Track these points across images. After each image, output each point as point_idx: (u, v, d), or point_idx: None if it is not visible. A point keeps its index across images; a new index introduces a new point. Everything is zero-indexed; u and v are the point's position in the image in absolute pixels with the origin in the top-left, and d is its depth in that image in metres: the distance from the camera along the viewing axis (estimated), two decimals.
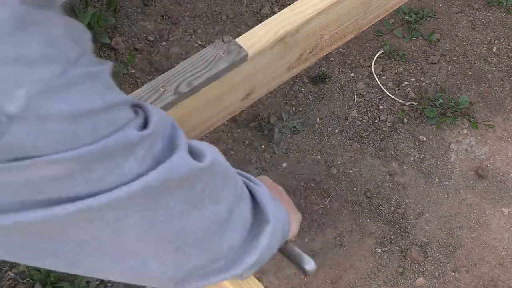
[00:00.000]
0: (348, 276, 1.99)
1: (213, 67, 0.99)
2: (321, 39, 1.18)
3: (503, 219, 2.12)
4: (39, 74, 0.45)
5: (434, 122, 2.30)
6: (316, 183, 2.16)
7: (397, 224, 2.09)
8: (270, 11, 2.56)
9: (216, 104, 1.07)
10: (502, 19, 2.60)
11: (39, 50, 0.45)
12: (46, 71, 0.45)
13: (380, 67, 2.44)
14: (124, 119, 0.51)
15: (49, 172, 0.47)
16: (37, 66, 0.45)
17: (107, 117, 0.49)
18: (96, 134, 0.48)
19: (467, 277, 2.01)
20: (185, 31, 2.49)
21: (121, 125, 0.51)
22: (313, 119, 2.30)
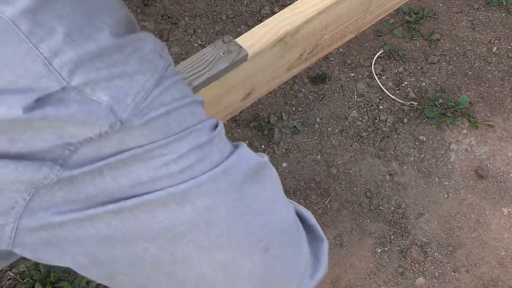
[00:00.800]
0: (348, 276, 1.99)
1: (213, 67, 0.99)
2: (321, 39, 1.18)
3: (503, 219, 2.12)
4: (139, 84, 0.53)
5: (434, 122, 2.30)
6: (316, 183, 2.16)
7: (397, 224, 2.09)
8: (270, 11, 2.56)
9: (216, 104, 1.07)
10: (502, 19, 2.60)
11: (137, 64, 0.54)
12: (144, 81, 0.54)
13: (380, 67, 2.44)
14: (204, 115, 0.61)
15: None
16: (137, 78, 0.53)
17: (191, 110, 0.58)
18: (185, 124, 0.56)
19: (467, 277, 2.01)
20: (185, 31, 2.49)
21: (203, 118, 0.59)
22: (313, 119, 2.30)
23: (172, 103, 0.55)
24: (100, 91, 0.51)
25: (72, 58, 0.50)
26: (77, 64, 0.50)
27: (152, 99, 0.53)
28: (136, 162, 0.53)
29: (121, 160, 0.52)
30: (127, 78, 0.52)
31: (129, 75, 0.53)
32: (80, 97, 0.50)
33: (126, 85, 0.52)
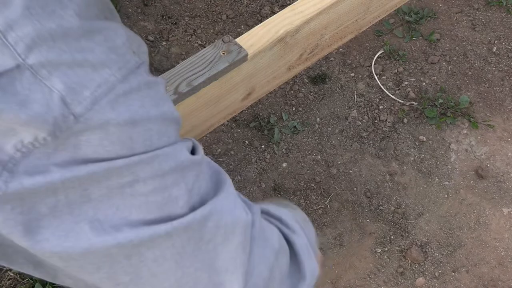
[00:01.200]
0: (348, 276, 1.99)
1: (213, 67, 0.99)
2: (321, 39, 1.18)
3: (503, 219, 2.12)
4: (102, 77, 0.47)
5: (434, 122, 2.30)
6: (316, 183, 2.16)
7: (397, 224, 2.09)
8: (270, 11, 2.56)
9: (216, 104, 1.07)
10: (502, 19, 2.60)
11: (103, 55, 0.48)
12: (108, 74, 0.48)
13: (380, 67, 2.44)
14: (176, 136, 0.53)
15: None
16: (101, 70, 0.47)
17: (161, 128, 0.51)
18: (150, 143, 0.50)
19: (467, 277, 2.01)
20: (185, 31, 2.49)
21: (173, 141, 0.53)
22: (313, 119, 2.30)
23: (138, 112, 0.49)
24: (57, 77, 0.45)
25: (30, 33, 0.45)
26: (35, 40, 0.45)
27: (114, 97, 0.48)
28: (92, 182, 0.48)
29: (77, 179, 0.47)
30: (89, 68, 0.47)
31: (93, 65, 0.47)
32: (33, 80, 0.45)
33: (87, 75, 0.47)
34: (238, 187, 2.14)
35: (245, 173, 2.17)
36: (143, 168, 0.49)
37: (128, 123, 0.48)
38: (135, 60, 0.50)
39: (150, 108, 0.50)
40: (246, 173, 2.17)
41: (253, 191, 2.13)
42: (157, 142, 0.51)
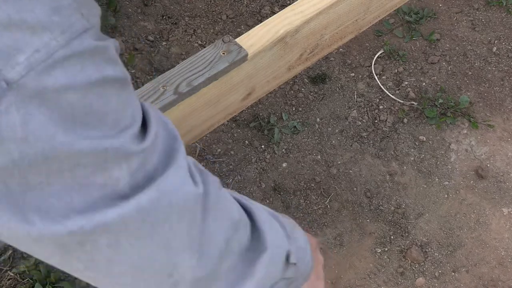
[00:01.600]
0: (348, 276, 1.99)
1: (213, 67, 0.99)
2: (321, 39, 1.18)
3: (503, 219, 2.12)
4: (42, 41, 0.44)
5: (434, 122, 2.30)
6: (316, 183, 2.16)
7: (397, 224, 2.09)
8: (270, 11, 2.56)
9: (216, 104, 1.07)
10: (502, 19, 2.60)
11: (45, 17, 0.44)
12: (49, 39, 0.44)
13: (380, 67, 2.44)
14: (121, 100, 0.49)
15: None
16: (41, 33, 0.44)
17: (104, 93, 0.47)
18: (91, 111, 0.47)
19: (467, 277, 2.01)
20: (185, 31, 2.49)
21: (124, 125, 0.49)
22: (313, 119, 2.30)
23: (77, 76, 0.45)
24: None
25: None
26: None
27: (52, 62, 0.44)
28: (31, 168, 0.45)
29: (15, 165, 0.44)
30: (27, 31, 0.43)
31: (32, 27, 0.43)
32: None
33: (24, 38, 0.43)
34: (238, 187, 2.14)
35: (245, 173, 2.17)
36: (86, 154, 0.46)
37: (67, 88, 0.45)
38: (81, 23, 0.46)
39: (92, 73, 0.46)
40: (246, 173, 2.17)
41: (253, 191, 2.13)
42: (100, 108, 0.47)
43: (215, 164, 2.18)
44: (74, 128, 0.46)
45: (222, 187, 0.62)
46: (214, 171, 2.17)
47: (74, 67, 0.45)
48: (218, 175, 2.16)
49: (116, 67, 0.49)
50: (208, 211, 0.57)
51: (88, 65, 0.46)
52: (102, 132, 0.47)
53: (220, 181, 0.62)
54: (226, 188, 2.21)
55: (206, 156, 2.20)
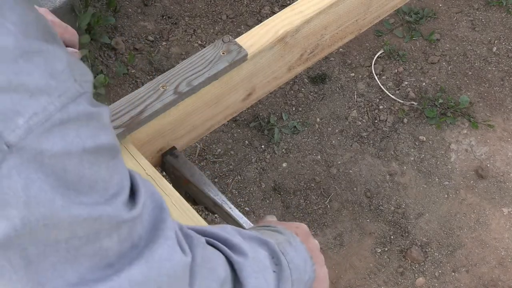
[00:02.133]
0: (348, 276, 1.99)
1: (213, 67, 0.99)
2: (321, 39, 1.18)
3: (503, 219, 2.12)
4: (40, 105, 0.45)
5: (434, 122, 2.30)
6: (316, 183, 2.16)
7: (397, 224, 2.09)
8: (270, 11, 2.56)
9: (217, 104, 1.07)
10: (502, 19, 2.60)
11: (42, 81, 0.45)
12: (47, 102, 0.45)
13: (380, 67, 2.44)
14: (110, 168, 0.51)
15: None
16: (39, 97, 0.45)
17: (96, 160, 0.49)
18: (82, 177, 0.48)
19: (467, 277, 2.01)
20: (185, 31, 2.49)
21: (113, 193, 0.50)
22: (313, 119, 2.30)
23: (73, 143, 0.46)
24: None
25: None
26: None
27: (50, 126, 0.45)
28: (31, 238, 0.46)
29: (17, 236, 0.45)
30: (26, 94, 0.44)
31: (30, 90, 0.44)
32: None
33: (23, 101, 0.44)
34: (238, 187, 2.14)
35: (245, 173, 2.17)
36: (82, 221, 0.48)
37: (63, 154, 0.46)
38: (75, 88, 0.47)
39: (86, 140, 0.48)
40: (246, 173, 2.17)
41: (253, 191, 2.13)
42: (91, 175, 0.48)
43: (215, 164, 2.18)
44: (69, 194, 0.47)
45: (206, 245, 0.63)
46: (214, 171, 2.17)
47: (70, 132, 0.46)
48: (218, 175, 2.16)
49: (109, 135, 0.50)
50: (196, 276, 0.59)
51: (83, 131, 0.47)
52: (93, 198, 0.48)
53: (204, 240, 0.63)
54: (227, 187, 2.20)
55: (206, 156, 2.20)
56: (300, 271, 0.74)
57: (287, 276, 0.70)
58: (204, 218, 1.97)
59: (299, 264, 0.73)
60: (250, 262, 0.66)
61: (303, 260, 0.75)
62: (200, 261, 0.60)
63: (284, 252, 0.72)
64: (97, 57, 2.33)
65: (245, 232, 0.71)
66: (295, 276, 0.72)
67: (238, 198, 2.11)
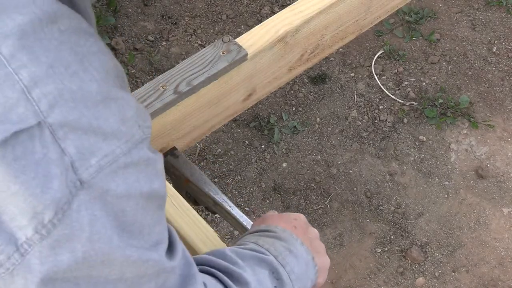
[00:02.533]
0: (348, 276, 1.99)
1: (213, 67, 0.99)
2: (322, 39, 1.18)
3: (503, 219, 2.12)
4: (110, 148, 0.49)
5: (434, 122, 2.30)
6: (316, 183, 2.16)
7: (397, 224, 2.09)
8: (270, 11, 2.56)
9: (217, 105, 1.07)
10: (502, 19, 2.60)
11: (116, 126, 0.50)
12: (116, 146, 0.50)
13: (380, 67, 2.44)
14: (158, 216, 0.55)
15: None
16: (110, 140, 0.49)
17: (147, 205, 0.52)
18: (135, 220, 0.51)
19: (467, 277, 2.01)
20: (185, 31, 2.49)
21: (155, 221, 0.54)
22: (313, 119, 2.30)
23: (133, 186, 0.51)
24: (71, 140, 0.47)
25: (52, 91, 0.47)
26: (57, 99, 0.47)
27: (116, 168, 0.49)
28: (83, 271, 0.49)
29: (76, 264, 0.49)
30: (101, 137, 0.49)
31: (105, 134, 0.49)
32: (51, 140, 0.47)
33: (97, 143, 0.48)
34: (238, 187, 2.14)
35: (245, 173, 2.17)
36: (131, 268, 0.51)
37: (123, 196, 0.50)
38: (139, 134, 0.52)
39: (144, 184, 0.52)
40: (246, 173, 2.17)
41: (253, 191, 2.13)
42: (141, 219, 0.52)
43: (215, 164, 2.18)
44: (123, 235, 0.51)
45: None
46: (214, 171, 2.17)
47: (131, 176, 0.51)
48: (218, 175, 2.16)
49: (162, 183, 0.55)
50: None
51: (142, 176, 0.52)
52: (140, 243, 0.52)
53: None
54: (227, 187, 2.20)
55: (206, 156, 2.20)
56: (302, 279, 0.75)
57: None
58: (204, 218, 1.97)
59: (300, 273, 0.74)
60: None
61: (305, 265, 0.76)
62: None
63: (284, 264, 0.73)
64: None
65: (244, 253, 0.73)
66: (298, 286, 0.74)
67: (238, 198, 2.12)
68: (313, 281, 0.78)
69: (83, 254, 0.48)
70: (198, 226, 0.85)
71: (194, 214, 0.86)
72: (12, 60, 0.46)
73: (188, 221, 0.85)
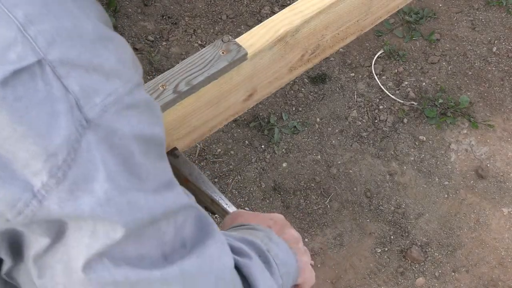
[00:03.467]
0: (348, 276, 1.99)
1: (212, 66, 0.99)
2: (322, 39, 1.18)
3: (503, 219, 2.12)
4: (113, 87, 0.48)
5: (434, 122, 2.30)
6: (316, 183, 2.16)
7: (397, 224, 2.09)
8: (270, 11, 2.56)
9: (217, 105, 1.07)
10: (502, 19, 2.60)
11: (116, 65, 0.49)
12: (119, 85, 0.49)
13: (380, 67, 2.44)
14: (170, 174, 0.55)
15: None
16: (113, 79, 0.49)
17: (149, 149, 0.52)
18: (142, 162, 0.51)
19: (467, 277, 2.01)
20: (185, 31, 2.49)
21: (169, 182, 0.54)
22: (313, 119, 2.30)
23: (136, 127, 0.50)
24: (74, 78, 0.46)
25: (48, 29, 0.46)
26: (53, 37, 0.46)
27: (120, 108, 0.49)
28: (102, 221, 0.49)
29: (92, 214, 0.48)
30: (103, 75, 0.48)
31: (107, 73, 0.48)
32: (53, 77, 0.46)
33: (101, 82, 0.48)
34: (238, 187, 2.14)
35: (245, 173, 2.17)
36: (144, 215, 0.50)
37: (129, 137, 0.49)
38: (137, 78, 0.52)
39: (145, 126, 0.51)
40: (246, 173, 2.17)
41: (253, 191, 2.13)
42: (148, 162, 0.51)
43: (215, 164, 2.18)
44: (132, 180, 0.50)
45: None
46: (214, 171, 2.17)
47: (134, 118, 0.50)
48: (218, 175, 2.16)
49: (162, 129, 0.55)
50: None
51: (144, 119, 0.51)
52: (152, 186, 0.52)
53: None
54: (227, 187, 2.19)
55: (206, 156, 2.20)
56: (287, 265, 0.74)
57: (275, 272, 0.71)
58: None
59: (284, 258, 0.74)
60: (255, 263, 0.68)
61: (286, 253, 0.75)
62: None
63: (269, 249, 0.72)
64: None
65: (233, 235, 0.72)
66: (283, 271, 0.72)
67: (238, 198, 2.11)
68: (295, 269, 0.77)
69: (104, 194, 0.48)
70: None
71: None
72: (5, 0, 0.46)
73: None
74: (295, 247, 0.81)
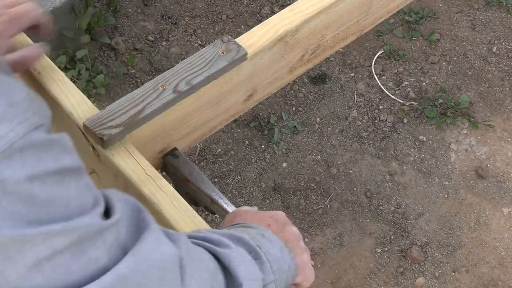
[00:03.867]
0: (348, 276, 1.99)
1: (212, 66, 0.99)
2: (322, 39, 1.17)
3: (503, 219, 2.12)
4: (2, 131, 0.45)
5: (434, 122, 2.30)
6: (316, 183, 2.16)
7: (397, 224, 2.09)
8: (270, 11, 2.56)
9: (217, 105, 1.07)
10: (502, 19, 2.60)
11: (3, 109, 0.46)
12: (9, 129, 0.46)
13: (380, 67, 2.44)
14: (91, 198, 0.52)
15: None
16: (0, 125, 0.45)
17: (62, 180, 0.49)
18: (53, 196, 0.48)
19: (467, 277, 2.01)
20: (185, 31, 2.49)
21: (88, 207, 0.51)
22: (313, 119, 2.30)
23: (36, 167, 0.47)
24: None
25: None
26: None
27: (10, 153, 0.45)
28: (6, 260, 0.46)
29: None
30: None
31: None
32: None
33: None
34: (238, 187, 2.14)
35: (245, 173, 2.17)
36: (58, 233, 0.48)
37: (25, 180, 0.46)
38: (35, 119, 0.49)
39: (50, 163, 0.48)
40: (246, 173, 2.17)
41: (253, 191, 2.13)
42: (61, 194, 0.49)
43: (215, 164, 2.18)
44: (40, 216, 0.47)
45: (188, 239, 0.63)
46: (214, 171, 2.16)
47: (31, 158, 0.47)
48: (218, 175, 2.16)
49: (74, 157, 0.52)
50: (185, 269, 0.59)
51: (46, 156, 0.48)
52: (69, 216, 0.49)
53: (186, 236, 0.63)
54: (227, 187, 2.20)
55: (206, 156, 2.20)
56: (279, 261, 0.73)
57: (267, 268, 0.71)
58: (204, 218, 1.97)
59: (276, 255, 0.73)
60: (235, 252, 0.67)
61: (279, 250, 0.74)
62: (186, 253, 0.60)
63: (260, 245, 0.72)
64: (97, 57, 2.33)
65: (219, 231, 0.71)
66: (276, 267, 0.72)
67: (238, 198, 2.11)
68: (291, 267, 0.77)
69: None
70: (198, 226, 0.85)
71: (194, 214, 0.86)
72: None
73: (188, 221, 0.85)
74: (295, 245, 0.81)
